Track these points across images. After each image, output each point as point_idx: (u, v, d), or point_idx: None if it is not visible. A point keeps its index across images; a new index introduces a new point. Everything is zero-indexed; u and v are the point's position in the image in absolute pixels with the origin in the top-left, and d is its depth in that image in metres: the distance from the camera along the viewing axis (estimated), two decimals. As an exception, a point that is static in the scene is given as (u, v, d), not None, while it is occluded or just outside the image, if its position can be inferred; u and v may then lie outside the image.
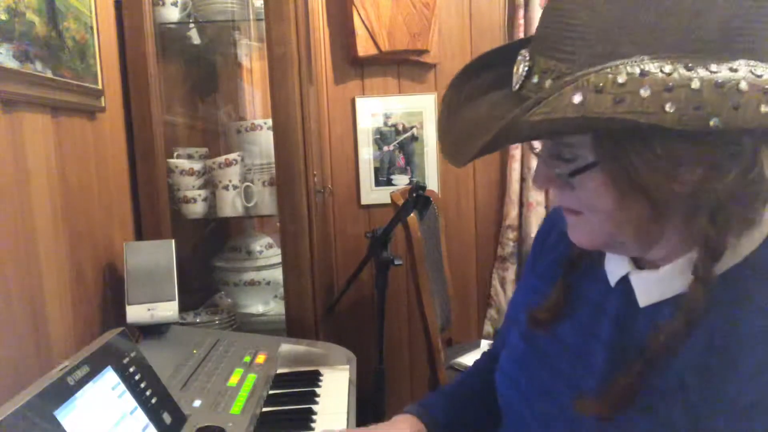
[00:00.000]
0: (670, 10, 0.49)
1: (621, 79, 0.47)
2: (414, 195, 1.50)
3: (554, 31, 0.54)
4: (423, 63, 2.38)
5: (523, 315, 0.75)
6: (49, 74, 1.11)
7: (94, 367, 0.84)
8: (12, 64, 1.00)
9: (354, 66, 2.39)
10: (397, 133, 2.42)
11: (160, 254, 1.34)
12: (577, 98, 0.47)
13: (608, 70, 0.47)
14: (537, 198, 2.36)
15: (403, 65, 2.40)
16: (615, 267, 0.66)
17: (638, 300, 0.62)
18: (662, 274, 0.60)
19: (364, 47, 2.29)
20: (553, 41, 0.53)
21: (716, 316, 0.56)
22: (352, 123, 2.42)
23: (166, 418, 0.92)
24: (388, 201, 1.87)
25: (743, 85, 0.46)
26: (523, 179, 2.38)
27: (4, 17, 0.98)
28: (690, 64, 0.47)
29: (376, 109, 2.41)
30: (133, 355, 0.94)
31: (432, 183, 2.43)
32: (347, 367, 1.33)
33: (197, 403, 1.05)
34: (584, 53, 0.51)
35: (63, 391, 0.76)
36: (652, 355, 0.57)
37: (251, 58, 2.04)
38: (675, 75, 0.46)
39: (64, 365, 0.81)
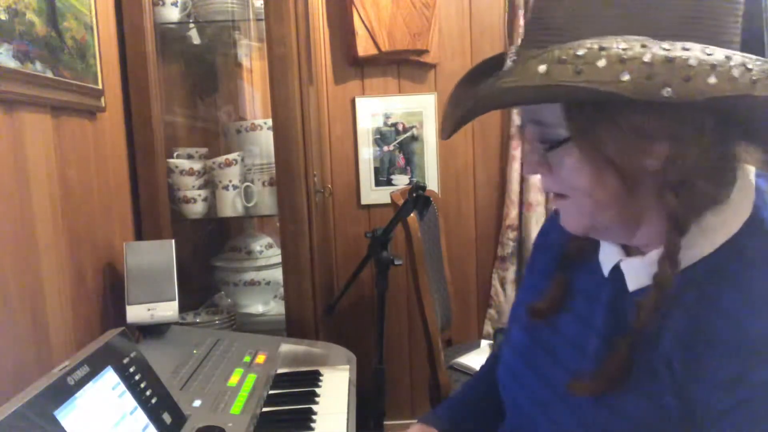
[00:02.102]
0: (634, 4, 0.54)
1: (581, 52, 0.52)
2: (414, 195, 1.50)
3: (534, 27, 0.60)
4: (423, 63, 2.38)
5: (524, 311, 0.78)
6: (49, 74, 1.11)
7: (94, 367, 0.84)
8: (12, 64, 1.00)
9: (354, 66, 2.39)
10: (397, 133, 2.42)
11: (160, 254, 1.35)
12: (542, 68, 0.53)
13: (570, 46, 0.53)
14: (537, 198, 2.36)
15: (403, 65, 2.40)
16: (607, 257, 0.69)
17: (628, 285, 0.65)
18: (649, 258, 0.62)
19: (364, 47, 2.29)
20: (533, 35, 0.60)
21: (698, 295, 0.58)
22: (352, 123, 2.42)
23: (166, 418, 0.92)
24: (388, 201, 1.87)
25: (692, 61, 0.50)
26: (523, 179, 2.38)
27: (4, 17, 0.98)
28: (645, 44, 0.52)
29: (376, 109, 2.41)
30: (133, 355, 0.94)
31: (432, 183, 2.43)
32: (347, 367, 1.34)
33: (197, 403, 1.05)
34: (556, 42, 0.56)
35: (63, 391, 0.76)
36: (636, 332, 0.59)
37: (251, 58, 2.04)
38: (630, 51, 0.51)
39: (64, 365, 0.81)
